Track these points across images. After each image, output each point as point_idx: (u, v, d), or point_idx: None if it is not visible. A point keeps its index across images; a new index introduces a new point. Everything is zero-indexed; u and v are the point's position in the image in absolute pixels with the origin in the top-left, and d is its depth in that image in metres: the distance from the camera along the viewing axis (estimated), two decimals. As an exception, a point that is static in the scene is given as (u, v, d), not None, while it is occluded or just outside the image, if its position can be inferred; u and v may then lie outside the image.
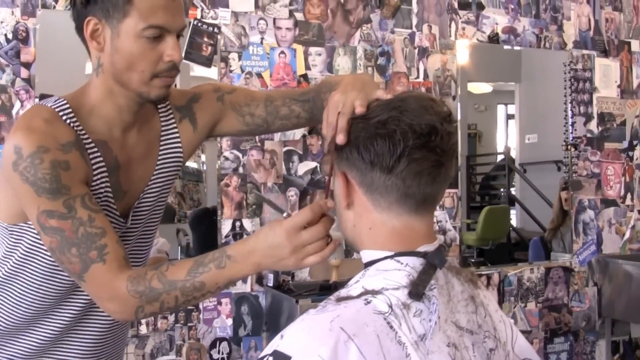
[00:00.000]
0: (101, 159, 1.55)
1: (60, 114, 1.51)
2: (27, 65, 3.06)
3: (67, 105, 1.53)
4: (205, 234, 3.52)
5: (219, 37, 3.40)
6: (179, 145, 1.74)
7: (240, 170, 3.43)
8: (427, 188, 1.19)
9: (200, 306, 3.34)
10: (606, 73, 4.41)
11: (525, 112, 5.87)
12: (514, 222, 6.14)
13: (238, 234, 3.40)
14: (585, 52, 4.36)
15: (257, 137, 3.44)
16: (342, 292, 1.18)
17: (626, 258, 4.31)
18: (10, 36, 3.04)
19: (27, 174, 1.41)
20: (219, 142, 3.40)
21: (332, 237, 1.37)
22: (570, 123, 4.34)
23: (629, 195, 4.49)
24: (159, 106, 1.69)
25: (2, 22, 3.03)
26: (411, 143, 1.15)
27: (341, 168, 1.25)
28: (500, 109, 7.59)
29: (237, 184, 3.40)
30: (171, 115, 1.73)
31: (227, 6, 3.42)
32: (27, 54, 3.06)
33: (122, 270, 1.43)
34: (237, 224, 3.41)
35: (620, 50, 4.48)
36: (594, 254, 4.35)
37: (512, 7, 4.13)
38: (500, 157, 7.00)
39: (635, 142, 4.51)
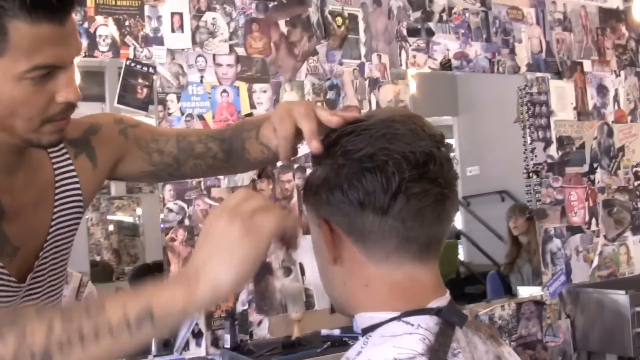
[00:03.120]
0: None
1: None
2: None
3: None
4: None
5: (154, 77, 3.10)
6: (77, 186, 1.42)
7: (187, 222, 3.11)
8: (432, 228, 0.98)
9: (151, 377, 2.99)
10: (561, 95, 4.26)
11: (465, 145, 5.82)
12: (461, 256, 6.01)
13: (188, 293, 3.07)
14: (539, 74, 4.20)
15: (202, 185, 3.14)
16: None
17: (596, 286, 4.16)
18: None
19: None
20: (160, 193, 3.09)
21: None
22: (529, 149, 4.15)
23: (593, 221, 4.32)
24: None
25: None
26: (407, 175, 0.94)
27: (321, 215, 1.02)
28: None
29: (184, 238, 3.09)
30: (64, 151, 1.40)
31: (162, 44, 3.13)
32: None
33: None
34: (186, 281, 3.08)
35: (574, 72, 4.34)
36: (564, 284, 4.15)
37: (463, 31, 3.95)
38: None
39: (595, 165, 4.36)
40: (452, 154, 1.02)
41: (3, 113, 1.16)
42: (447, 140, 1.02)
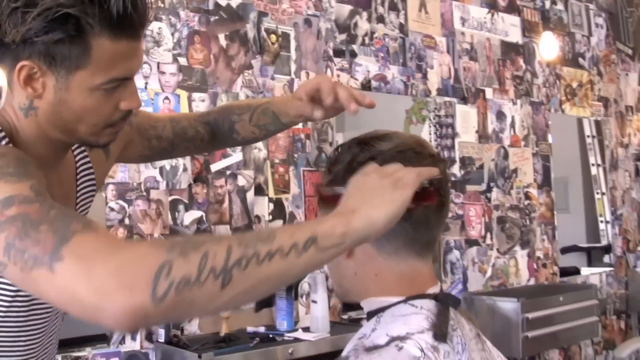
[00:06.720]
0: None
1: None
2: None
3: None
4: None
5: (102, 81, 3.21)
6: (93, 177, 1.51)
7: (127, 221, 3.25)
8: (433, 231, 1.22)
9: (85, 368, 3.10)
10: (466, 119, 4.64)
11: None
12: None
13: (126, 288, 3.19)
14: (447, 99, 4.56)
15: (142, 187, 3.29)
16: (366, 342, 1.14)
17: (489, 294, 4.51)
18: None
19: None
20: (104, 192, 3.21)
21: None
22: (436, 167, 4.50)
23: (488, 235, 4.72)
24: None
25: None
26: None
27: None
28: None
29: (124, 237, 3.22)
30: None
31: (110, 50, 3.25)
32: None
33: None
34: (125, 278, 3.20)
35: (477, 98, 4.73)
36: (462, 292, 4.52)
37: (382, 55, 4.25)
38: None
39: (491, 184, 4.76)
40: (447, 170, 1.28)
41: (69, 119, 1.25)
42: (444, 157, 1.29)
